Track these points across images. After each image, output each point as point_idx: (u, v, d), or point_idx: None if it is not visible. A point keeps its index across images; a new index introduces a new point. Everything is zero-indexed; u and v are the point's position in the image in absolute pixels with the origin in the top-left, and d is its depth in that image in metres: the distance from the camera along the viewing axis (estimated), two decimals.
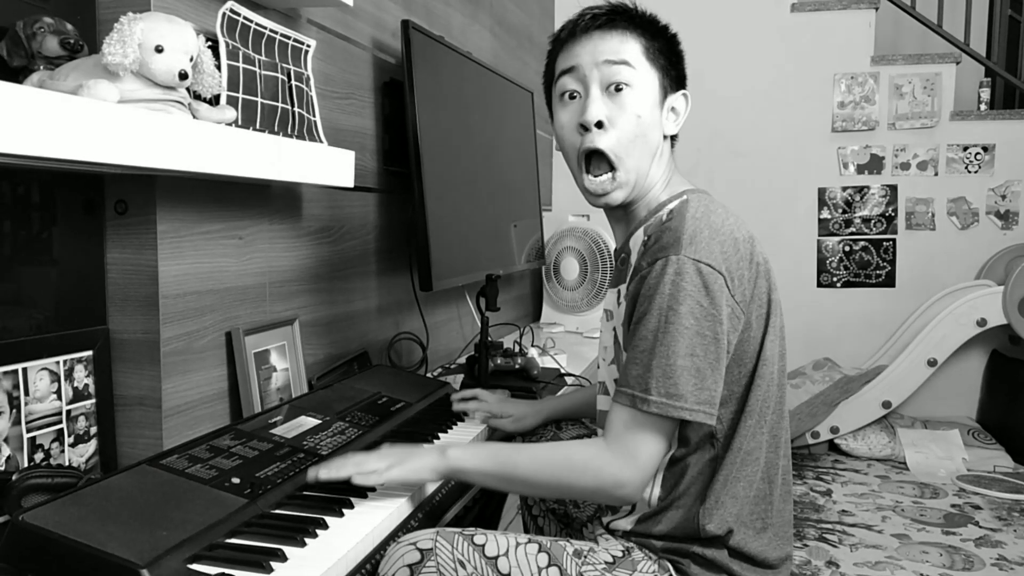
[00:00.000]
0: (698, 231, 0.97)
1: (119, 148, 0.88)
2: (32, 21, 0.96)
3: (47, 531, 0.75)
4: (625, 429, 0.97)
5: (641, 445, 0.96)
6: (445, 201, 1.77)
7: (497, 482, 1.05)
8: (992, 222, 3.34)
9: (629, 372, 0.97)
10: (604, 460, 0.97)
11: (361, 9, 1.75)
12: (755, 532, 1.03)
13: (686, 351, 0.94)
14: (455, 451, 1.04)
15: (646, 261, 0.98)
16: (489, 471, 1.03)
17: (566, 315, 2.94)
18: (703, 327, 0.94)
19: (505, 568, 0.95)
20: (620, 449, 0.97)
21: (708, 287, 0.95)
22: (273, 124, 1.25)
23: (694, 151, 3.48)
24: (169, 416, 1.18)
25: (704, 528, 1.00)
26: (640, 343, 0.96)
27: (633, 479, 0.97)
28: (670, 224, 1.00)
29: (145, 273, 1.16)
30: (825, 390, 3.09)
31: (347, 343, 1.72)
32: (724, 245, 0.98)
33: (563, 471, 1.00)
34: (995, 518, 2.49)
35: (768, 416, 1.03)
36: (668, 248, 0.96)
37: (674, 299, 0.94)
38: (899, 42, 3.97)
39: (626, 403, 0.96)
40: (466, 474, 1.04)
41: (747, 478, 1.02)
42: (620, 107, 1.05)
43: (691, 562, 1.02)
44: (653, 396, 0.94)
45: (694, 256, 0.95)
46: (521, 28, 3.05)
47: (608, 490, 0.98)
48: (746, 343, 1.01)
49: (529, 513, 1.41)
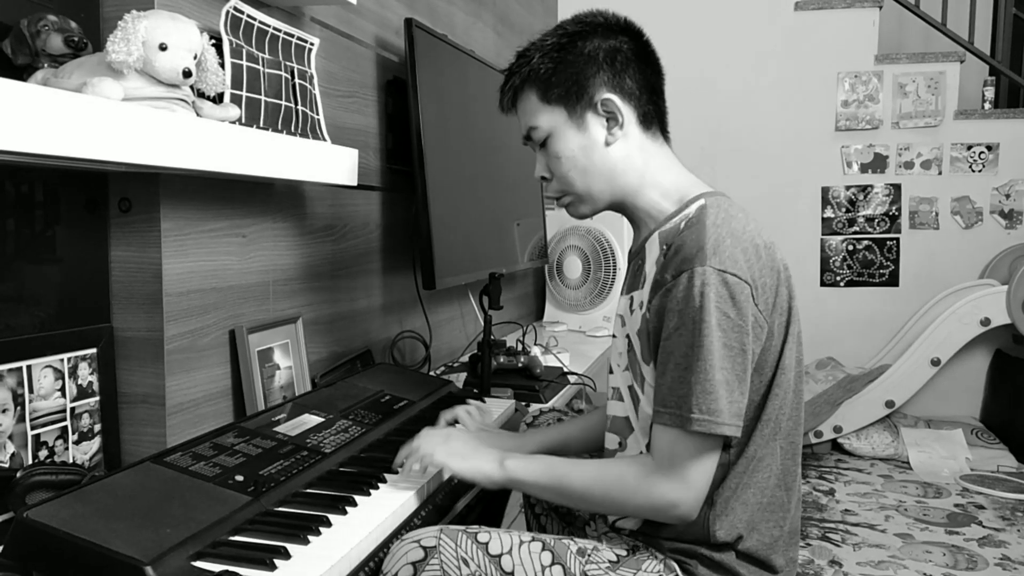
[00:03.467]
0: (721, 239, 0.95)
1: (123, 146, 0.88)
2: (36, 19, 0.96)
3: (51, 528, 0.75)
4: (672, 450, 0.95)
5: (690, 464, 0.94)
6: (448, 199, 1.77)
7: (551, 495, 1.07)
8: (996, 221, 3.33)
9: (669, 391, 0.95)
10: (655, 481, 0.96)
11: (364, 7, 1.75)
12: (768, 539, 1.02)
13: (719, 365, 0.92)
14: (513, 463, 1.06)
15: (670, 274, 0.96)
16: (544, 484, 1.05)
17: (569, 314, 2.94)
18: (731, 339, 0.93)
19: (509, 566, 0.95)
20: (670, 471, 0.95)
21: (735, 298, 0.93)
22: (277, 122, 1.25)
23: (697, 149, 3.47)
24: (173, 414, 1.18)
25: (714, 534, 1.00)
26: (676, 360, 0.94)
27: (687, 499, 0.95)
28: (690, 233, 0.97)
29: (149, 271, 1.16)
30: (828, 389, 3.08)
31: (350, 341, 1.72)
32: (747, 253, 0.96)
33: (615, 491, 0.99)
34: (999, 518, 2.49)
35: (783, 423, 1.03)
36: (692, 259, 0.94)
37: (703, 312, 0.92)
38: (903, 41, 3.96)
39: (670, 423, 0.94)
40: (522, 485, 1.07)
41: (757, 484, 1.01)
42: (551, 156, 1.09)
43: (698, 563, 1.01)
44: (695, 414, 0.92)
45: (719, 267, 0.93)
46: (524, 26, 3.05)
47: (663, 511, 0.97)
48: (767, 352, 1.00)
49: (532, 512, 1.41)
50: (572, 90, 1.04)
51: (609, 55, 1.04)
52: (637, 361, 1.05)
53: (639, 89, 1.06)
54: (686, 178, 1.09)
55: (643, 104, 1.07)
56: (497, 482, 1.06)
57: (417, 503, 1.06)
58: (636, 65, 1.06)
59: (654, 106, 1.08)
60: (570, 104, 1.05)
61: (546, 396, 1.64)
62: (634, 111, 1.06)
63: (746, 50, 3.47)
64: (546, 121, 1.07)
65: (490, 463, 1.06)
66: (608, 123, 1.05)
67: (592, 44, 1.04)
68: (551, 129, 1.07)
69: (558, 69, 1.05)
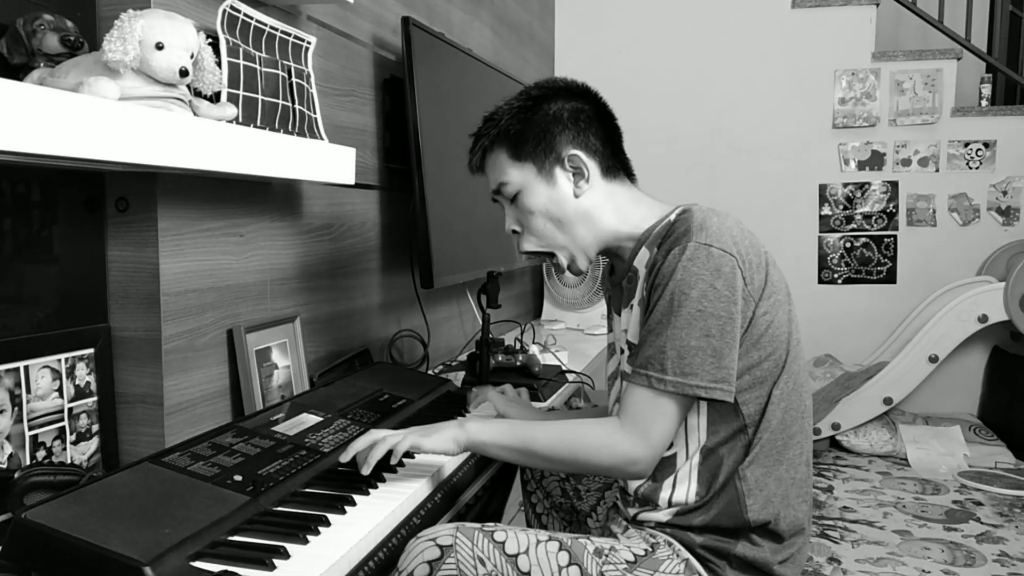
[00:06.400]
0: (706, 219, 1.01)
1: (120, 145, 0.88)
2: (32, 18, 0.96)
3: (50, 529, 0.75)
4: (639, 408, 1.01)
5: (653, 423, 1.00)
6: (446, 198, 1.77)
7: (515, 455, 1.09)
8: (993, 218, 3.34)
9: (644, 354, 1.01)
10: (618, 438, 1.01)
11: (361, 6, 1.74)
12: (801, 513, 1.07)
13: (700, 332, 0.97)
14: (474, 424, 1.08)
15: (661, 255, 1.02)
16: (507, 444, 1.07)
17: (567, 312, 2.94)
18: (717, 308, 0.98)
19: (525, 566, 0.95)
20: (633, 428, 1.00)
21: (719, 268, 0.98)
22: (274, 121, 1.24)
23: (696, 148, 3.47)
24: (171, 414, 1.18)
25: (747, 512, 1.02)
26: (655, 327, 1.00)
27: (645, 456, 1.00)
28: (679, 224, 1.03)
29: (146, 271, 1.16)
30: (826, 386, 3.09)
31: (348, 340, 1.72)
32: (733, 231, 1.02)
33: (579, 448, 1.03)
34: (996, 514, 2.49)
35: (795, 402, 1.06)
36: (680, 238, 1.00)
37: (685, 283, 0.98)
38: (900, 38, 3.97)
39: (642, 383, 1.00)
40: (485, 447, 1.08)
41: (790, 460, 1.05)
42: (523, 211, 1.14)
43: (727, 565, 1.02)
44: (669, 376, 0.98)
45: (704, 241, 0.99)
46: (522, 25, 3.04)
47: (621, 467, 1.02)
48: (776, 328, 1.03)
49: (533, 511, 1.41)
50: (540, 147, 1.11)
51: (573, 115, 1.12)
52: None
53: (601, 144, 1.13)
54: (658, 206, 1.15)
55: (607, 157, 1.14)
56: (462, 444, 1.07)
57: (415, 504, 1.05)
58: (598, 123, 1.13)
59: (616, 158, 1.15)
60: (539, 160, 1.12)
61: (544, 394, 1.64)
62: (598, 164, 1.13)
63: (743, 48, 3.47)
64: (516, 177, 1.13)
65: (450, 430, 1.07)
66: (574, 177, 1.12)
67: (556, 105, 1.12)
68: (522, 185, 1.13)
69: (526, 128, 1.12)
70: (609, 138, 1.14)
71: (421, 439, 1.06)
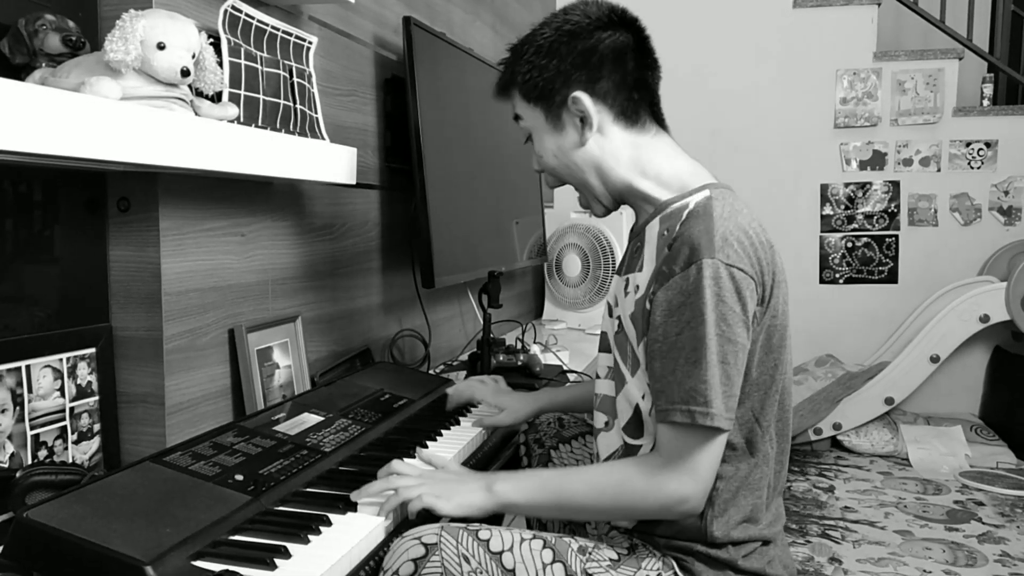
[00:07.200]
0: (728, 233, 0.96)
1: (121, 145, 0.88)
2: (34, 18, 0.96)
3: (51, 528, 0.75)
4: (683, 444, 0.95)
5: (700, 457, 0.94)
6: (447, 198, 1.77)
7: (552, 512, 1.05)
8: (995, 218, 3.33)
9: (679, 386, 0.94)
10: (665, 478, 0.95)
11: (363, 6, 1.74)
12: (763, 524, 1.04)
13: (724, 360, 0.93)
14: (502, 485, 1.00)
15: (678, 266, 0.95)
16: (542, 503, 1.02)
17: (568, 312, 2.94)
18: (735, 334, 0.94)
19: (510, 563, 0.95)
20: (680, 465, 0.95)
21: (740, 292, 0.94)
22: (275, 121, 1.24)
23: (696, 147, 3.45)
24: (172, 413, 1.18)
25: (711, 533, 1.00)
26: (685, 355, 0.94)
27: (696, 492, 0.95)
28: (697, 224, 0.97)
29: (148, 270, 1.16)
30: (827, 386, 3.09)
31: (349, 340, 1.72)
32: (755, 249, 0.98)
33: (622, 496, 0.98)
34: (998, 514, 2.49)
35: (776, 424, 1.04)
36: (701, 251, 0.94)
37: (711, 307, 0.92)
38: (901, 38, 3.96)
39: (681, 419, 0.93)
40: (518, 508, 1.02)
41: (753, 485, 1.02)
42: (536, 153, 1.14)
43: (695, 560, 1.02)
44: (707, 409, 0.92)
45: (727, 261, 0.94)
46: (523, 24, 3.04)
47: (671, 507, 0.97)
48: (776, 351, 1.01)
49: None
50: (547, 90, 1.07)
51: (584, 55, 1.04)
52: (628, 343, 1.04)
53: (615, 87, 1.05)
54: (687, 167, 1.09)
55: (620, 101, 1.06)
56: (490, 510, 1.00)
57: None
58: (613, 63, 1.04)
59: (639, 100, 1.07)
60: (545, 104, 1.09)
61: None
62: (609, 109, 1.06)
63: (745, 47, 3.47)
64: (528, 118, 1.12)
65: (476, 493, 1.00)
66: (581, 123, 1.06)
67: (575, 44, 1.04)
68: (532, 127, 1.12)
69: (539, 73, 1.07)
70: (629, 79, 1.05)
71: (438, 502, 0.97)
